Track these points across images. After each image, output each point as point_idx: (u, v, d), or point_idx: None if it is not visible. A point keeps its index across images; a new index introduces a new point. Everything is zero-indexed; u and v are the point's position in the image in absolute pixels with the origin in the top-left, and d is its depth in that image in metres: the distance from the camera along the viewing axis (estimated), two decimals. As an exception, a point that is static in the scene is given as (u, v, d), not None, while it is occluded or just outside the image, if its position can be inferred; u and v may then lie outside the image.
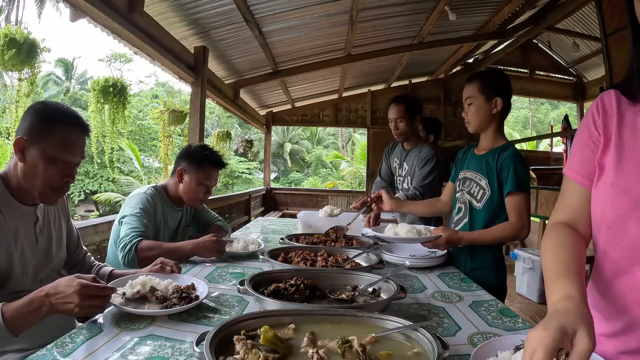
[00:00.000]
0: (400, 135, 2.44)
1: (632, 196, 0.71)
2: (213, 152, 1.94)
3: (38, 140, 1.12)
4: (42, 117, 1.13)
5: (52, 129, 1.13)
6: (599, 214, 0.79)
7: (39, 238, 1.22)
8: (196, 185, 1.86)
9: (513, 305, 3.68)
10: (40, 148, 1.11)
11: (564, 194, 0.87)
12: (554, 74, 8.11)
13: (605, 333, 0.80)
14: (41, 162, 1.11)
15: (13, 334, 0.92)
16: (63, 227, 1.36)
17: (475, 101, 1.61)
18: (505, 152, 1.58)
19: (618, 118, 0.76)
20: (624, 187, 0.73)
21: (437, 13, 4.52)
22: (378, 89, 8.05)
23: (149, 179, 13.04)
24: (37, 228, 1.21)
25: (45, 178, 1.13)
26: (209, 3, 3.50)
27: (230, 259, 1.66)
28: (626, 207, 0.72)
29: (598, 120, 0.79)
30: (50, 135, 1.12)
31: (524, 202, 1.52)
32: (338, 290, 1.11)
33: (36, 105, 1.17)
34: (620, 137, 0.75)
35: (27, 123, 1.13)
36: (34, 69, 2.86)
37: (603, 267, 0.80)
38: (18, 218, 1.15)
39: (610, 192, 0.75)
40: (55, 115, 1.15)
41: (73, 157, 1.17)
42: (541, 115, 24.21)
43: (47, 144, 1.12)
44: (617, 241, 0.75)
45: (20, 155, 1.12)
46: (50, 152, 1.12)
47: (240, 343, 0.69)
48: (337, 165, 20.76)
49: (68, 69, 22.86)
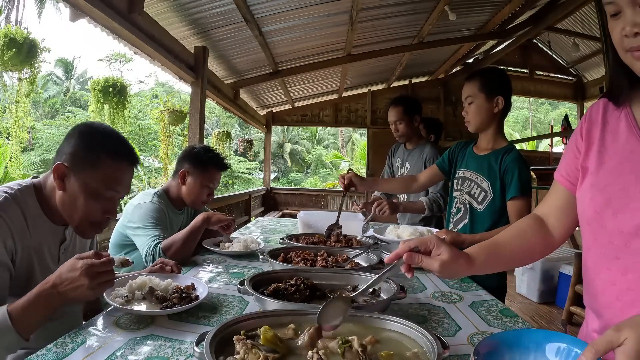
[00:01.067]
0: (401, 137, 2.46)
1: (608, 194, 0.77)
2: (217, 154, 1.93)
3: (81, 170, 1.02)
4: (87, 146, 1.04)
5: (97, 161, 1.03)
6: (581, 213, 0.84)
7: (61, 258, 1.15)
8: (200, 187, 1.85)
9: (513, 305, 3.69)
10: (82, 179, 1.02)
11: (549, 192, 0.97)
12: (554, 74, 8.11)
13: (596, 329, 0.82)
14: (82, 195, 1.03)
15: (24, 338, 0.85)
16: (87, 248, 1.32)
17: (476, 100, 1.60)
18: (509, 155, 1.57)
19: (602, 124, 0.82)
20: (602, 187, 0.78)
21: (437, 13, 4.52)
22: (378, 89, 8.05)
23: (148, 179, 13.04)
24: (62, 248, 1.15)
25: (84, 212, 1.05)
26: (209, 3, 3.50)
27: (230, 259, 1.66)
28: (602, 204, 0.77)
29: (583, 128, 0.86)
30: (95, 168, 1.03)
31: (526, 207, 1.52)
32: (338, 290, 1.11)
33: (82, 128, 1.07)
34: (603, 142, 0.81)
35: (70, 148, 1.03)
36: (34, 69, 2.87)
37: (587, 265, 0.85)
38: (44, 234, 1.08)
39: (589, 191, 0.81)
40: (101, 144, 1.05)
41: (117, 194, 1.09)
42: (541, 115, 24.20)
43: (91, 176, 1.03)
44: (596, 237, 0.80)
45: (59, 183, 1.02)
46: (94, 186, 1.03)
47: (240, 343, 0.69)
48: (337, 165, 20.76)
49: (68, 69, 22.88)
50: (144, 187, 12.24)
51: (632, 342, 0.50)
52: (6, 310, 0.85)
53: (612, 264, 0.76)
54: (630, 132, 0.77)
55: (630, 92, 0.78)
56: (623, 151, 0.77)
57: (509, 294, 3.71)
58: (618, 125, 0.80)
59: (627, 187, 0.74)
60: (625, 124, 0.78)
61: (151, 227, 1.64)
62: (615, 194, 0.76)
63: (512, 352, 0.64)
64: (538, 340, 0.64)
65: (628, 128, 0.77)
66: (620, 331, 0.52)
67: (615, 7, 0.68)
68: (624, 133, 0.78)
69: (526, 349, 0.64)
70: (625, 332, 0.51)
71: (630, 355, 0.50)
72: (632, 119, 0.78)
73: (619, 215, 0.74)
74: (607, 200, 0.77)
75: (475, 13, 5.13)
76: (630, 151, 0.76)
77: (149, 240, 1.59)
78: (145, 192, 1.86)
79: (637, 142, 0.75)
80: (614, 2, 0.68)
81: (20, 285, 1.01)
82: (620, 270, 0.75)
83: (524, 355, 0.63)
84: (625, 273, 0.74)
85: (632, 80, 0.76)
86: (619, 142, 0.79)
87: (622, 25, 0.68)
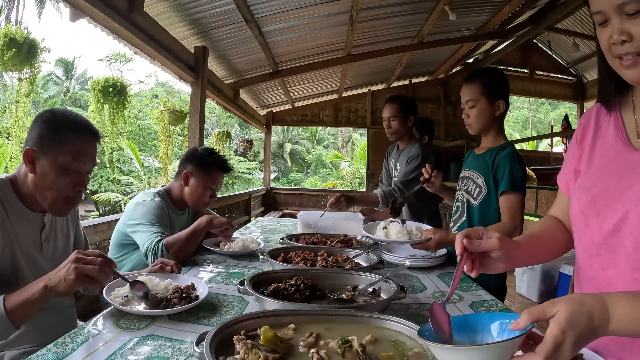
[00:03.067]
0: (392, 134, 2.44)
1: (592, 195, 0.81)
2: (219, 156, 1.94)
3: (48, 150, 1.10)
4: (50, 127, 1.12)
5: (61, 138, 1.11)
6: (570, 212, 0.89)
7: (43, 245, 1.20)
8: (203, 189, 1.85)
9: (513, 305, 3.68)
10: (50, 158, 1.10)
11: (556, 198, 1.02)
12: (554, 74, 8.11)
13: None
14: (52, 172, 1.10)
15: (15, 326, 0.90)
16: (70, 235, 1.34)
17: (479, 104, 1.58)
18: (503, 151, 1.57)
19: (594, 129, 0.87)
20: (587, 188, 0.83)
21: (437, 13, 4.52)
22: (378, 89, 8.05)
23: (149, 178, 13.03)
24: (42, 235, 1.20)
25: (56, 188, 1.11)
26: (209, 3, 3.50)
27: (230, 259, 1.66)
28: (587, 204, 0.82)
29: (578, 134, 0.91)
30: (59, 145, 1.11)
31: (517, 203, 1.51)
32: (338, 290, 1.11)
33: (44, 114, 1.15)
34: (593, 146, 0.86)
35: (35, 133, 1.12)
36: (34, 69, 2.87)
37: (575, 262, 0.89)
38: (24, 223, 1.14)
39: (577, 192, 0.86)
40: (64, 124, 1.13)
41: (84, 166, 1.15)
42: (541, 115, 24.21)
43: (57, 153, 1.10)
44: (580, 235, 0.85)
45: (30, 166, 1.10)
46: (61, 162, 1.10)
47: (240, 343, 0.69)
48: (337, 165, 20.77)
49: (68, 69, 22.88)
50: (144, 187, 12.24)
51: (563, 313, 0.56)
52: (1, 300, 0.90)
53: (594, 260, 0.81)
54: (617, 136, 0.81)
55: (620, 97, 0.82)
56: (609, 154, 0.81)
57: (509, 294, 3.71)
58: (608, 130, 0.83)
59: (609, 188, 0.78)
60: (613, 128, 0.82)
61: (152, 224, 1.64)
62: (599, 195, 0.80)
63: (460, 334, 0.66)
64: (483, 322, 0.67)
65: (615, 132, 0.81)
66: (555, 304, 0.58)
67: (602, 16, 0.71)
68: (611, 137, 0.82)
69: (473, 330, 0.67)
70: (559, 304, 0.57)
71: (562, 323, 0.55)
72: (620, 124, 0.81)
73: (601, 215, 0.78)
74: (592, 200, 0.81)
75: (475, 13, 5.13)
76: (615, 154, 0.80)
77: (151, 236, 1.59)
78: (146, 191, 1.86)
79: (623, 146, 0.79)
80: (602, 11, 0.71)
81: (6, 273, 1.06)
82: (600, 266, 0.79)
83: (471, 336, 0.66)
84: (606, 269, 0.78)
85: (620, 86, 0.79)
86: (606, 146, 0.83)
87: (609, 33, 0.71)
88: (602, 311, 0.58)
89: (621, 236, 0.75)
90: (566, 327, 0.55)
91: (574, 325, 0.55)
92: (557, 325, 0.55)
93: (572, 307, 0.57)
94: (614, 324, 0.58)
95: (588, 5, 0.75)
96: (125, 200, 11.46)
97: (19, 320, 0.92)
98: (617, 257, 0.76)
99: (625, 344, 0.75)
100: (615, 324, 0.57)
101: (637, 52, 0.69)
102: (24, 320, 0.93)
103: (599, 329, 0.57)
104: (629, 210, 0.73)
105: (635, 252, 0.72)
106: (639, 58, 0.69)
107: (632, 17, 0.67)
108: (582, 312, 0.57)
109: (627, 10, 0.67)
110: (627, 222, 0.73)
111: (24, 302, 0.91)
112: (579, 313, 0.56)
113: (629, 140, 0.79)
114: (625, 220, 0.74)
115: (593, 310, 0.57)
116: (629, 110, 0.81)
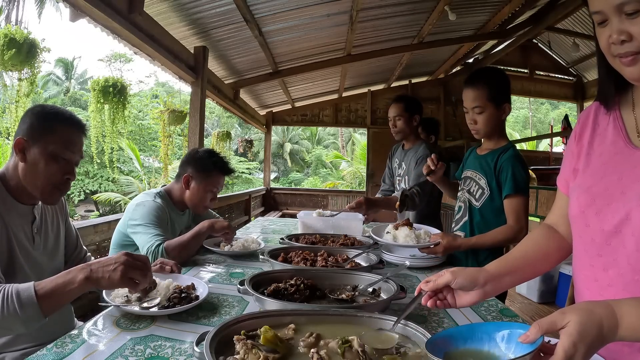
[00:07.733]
0: (397, 134, 2.45)
1: (592, 194, 0.80)
2: (220, 158, 1.91)
3: (38, 138, 1.14)
4: (40, 117, 1.16)
5: (51, 128, 1.15)
6: (569, 213, 0.88)
7: (35, 237, 1.22)
8: (203, 192, 1.84)
9: (513, 305, 3.68)
10: (41, 146, 1.14)
11: (555, 200, 1.00)
12: (554, 74, 8.10)
13: None
14: (42, 160, 1.13)
15: (43, 314, 0.88)
16: (61, 228, 1.36)
17: (487, 110, 1.57)
18: (505, 153, 1.57)
19: (592, 128, 0.86)
20: (586, 187, 0.82)
21: (437, 13, 4.52)
22: (378, 89, 8.05)
23: (148, 178, 13.03)
24: (34, 227, 1.22)
25: (47, 175, 1.14)
26: (209, 3, 3.50)
27: (230, 259, 1.66)
28: (586, 204, 0.81)
29: (576, 133, 0.90)
30: (50, 133, 1.15)
31: (522, 205, 1.52)
32: (338, 290, 1.11)
33: (34, 108, 1.19)
34: (592, 145, 0.85)
35: (26, 124, 1.15)
36: (33, 69, 2.86)
37: (574, 262, 0.88)
38: (16, 216, 1.16)
39: (576, 191, 0.85)
40: (53, 115, 1.17)
41: (73, 155, 1.19)
42: (541, 115, 24.20)
43: (48, 141, 1.14)
44: (580, 234, 0.84)
45: (21, 155, 1.14)
46: (52, 149, 1.14)
47: (240, 343, 0.70)
48: (337, 165, 20.76)
49: (68, 69, 22.86)
50: (144, 187, 12.24)
51: (574, 325, 0.55)
52: (32, 286, 0.88)
53: (595, 260, 0.80)
54: (616, 134, 0.80)
55: (620, 96, 0.82)
56: (608, 153, 0.81)
57: (509, 294, 3.71)
58: (607, 129, 0.83)
59: (609, 187, 0.77)
60: (613, 127, 0.82)
61: (152, 226, 1.63)
62: (599, 194, 0.79)
63: (466, 344, 0.66)
64: (489, 331, 0.67)
65: (615, 131, 0.81)
66: (564, 314, 0.57)
67: (602, 16, 0.71)
68: (611, 135, 0.81)
69: (480, 340, 0.66)
70: (569, 315, 0.57)
71: (573, 335, 0.55)
72: (620, 122, 0.81)
73: (601, 214, 0.78)
74: (591, 200, 0.80)
75: (475, 13, 5.12)
76: (614, 153, 0.79)
77: (151, 239, 1.58)
78: (146, 192, 1.85)
79: (623, 145, 0.78)
80: (601, 11, 0.71)
81: (4, 264, 1.08)
82: (601, 266, 0.78)
83: (478, 345, 0.66)
84: (607, 269, 0.77)
85: (620, 85, 0.79)
86: (605, 145, 0.82)
87: (608, 33, 0.71)
88: (611, 319, 0.58)
89: (623, 237, 0.74)
90: (577, 339, 0.55)
91: (585, 337, 0.55)
92: (569, 338, 0.55)
93: (583, 318, 0.56)
94: (622, 331, 0.58)
95: (588, 5, 0.74)
96: (125, 201, 11.46)
97: (49, 310, 0.89)
98: (617, 258, 0.75)
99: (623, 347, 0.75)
100: (623, 331, 0.58)
101: (637, 51, 0.68)
102: (54, 310, 0.91)
103: (608, 336, 0.57)
104: (631, 211, 0.73)
105: (637, 252, 0.72)
106: (639, 56, 0.69)
107: (632, 17, 0.67)
108: (593, 323, 0.56)
109: (627, 10, 0.67)
110: (629, 222, 0.73)
111: (60, 291, 0.89)
112: (589, 324, 0.56)
113: (629, 139, 0.78)
114: (627, 221, 0.73)
115: (603, 320, 0.57)
116: (628, 108, 0.81)
